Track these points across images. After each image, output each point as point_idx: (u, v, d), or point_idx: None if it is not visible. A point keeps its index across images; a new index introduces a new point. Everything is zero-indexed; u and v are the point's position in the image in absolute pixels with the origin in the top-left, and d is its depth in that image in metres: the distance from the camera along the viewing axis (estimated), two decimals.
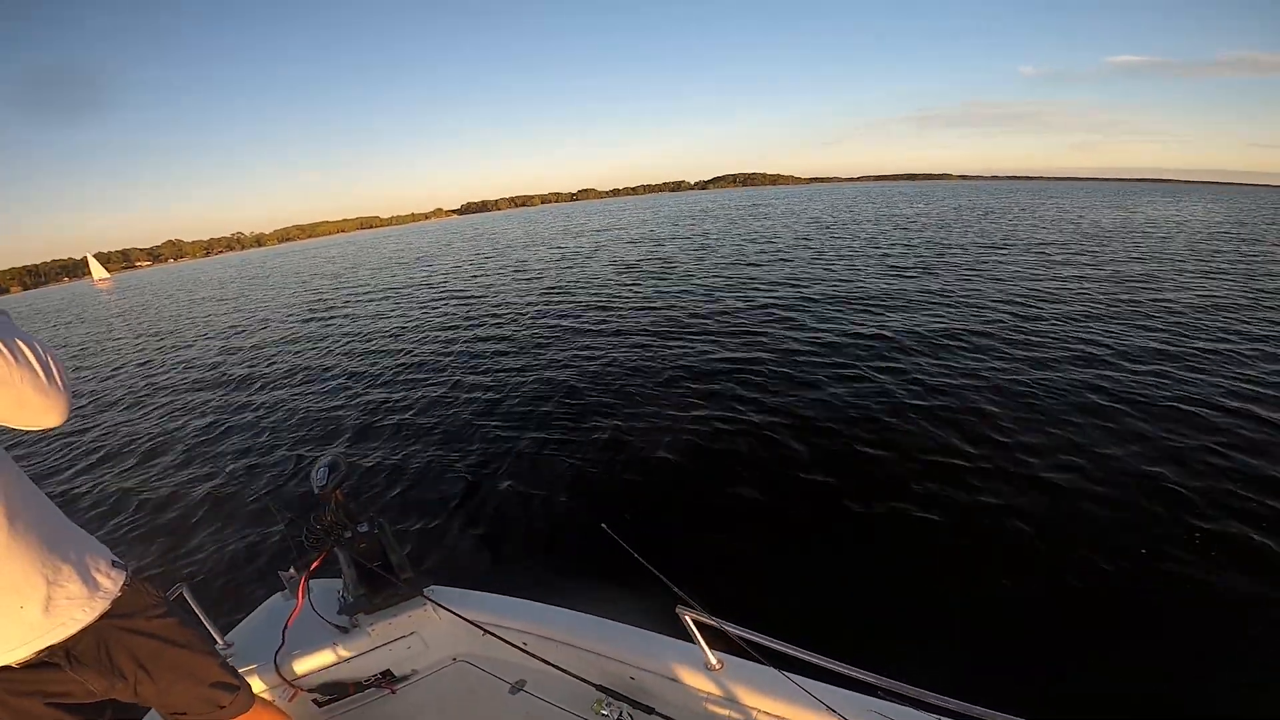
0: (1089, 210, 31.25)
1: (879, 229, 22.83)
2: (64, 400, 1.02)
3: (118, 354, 13.67)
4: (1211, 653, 2.67)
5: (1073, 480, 4.04)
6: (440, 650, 2.11)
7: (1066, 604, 3.01)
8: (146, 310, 24.41)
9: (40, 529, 1.12)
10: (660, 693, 1.72)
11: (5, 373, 0.91)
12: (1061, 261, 13.30)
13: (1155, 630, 2.83)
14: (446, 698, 2.01)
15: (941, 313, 8.80)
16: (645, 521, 3.99)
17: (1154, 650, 2.72)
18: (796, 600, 3.13)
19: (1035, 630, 2.86)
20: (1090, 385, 5.63)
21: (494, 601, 2.03)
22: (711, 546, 3.66)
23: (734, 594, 3.12)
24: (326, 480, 1.92)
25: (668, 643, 1.75)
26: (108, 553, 1.28)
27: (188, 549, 4.29)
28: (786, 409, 5.49)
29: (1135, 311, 8.54)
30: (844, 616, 2.98)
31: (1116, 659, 2.65)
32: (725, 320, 9.11)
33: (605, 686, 1.72)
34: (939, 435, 4.77)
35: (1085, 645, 2.74)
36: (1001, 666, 2.64)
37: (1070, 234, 19.10)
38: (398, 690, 2.03)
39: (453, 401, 6.72)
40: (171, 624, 1.34)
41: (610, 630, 1.85)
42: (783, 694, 1.52)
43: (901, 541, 3.58)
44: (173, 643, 1.32)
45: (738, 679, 1.60)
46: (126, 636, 1.24)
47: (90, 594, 1.17)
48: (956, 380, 5.93)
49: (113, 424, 7.86)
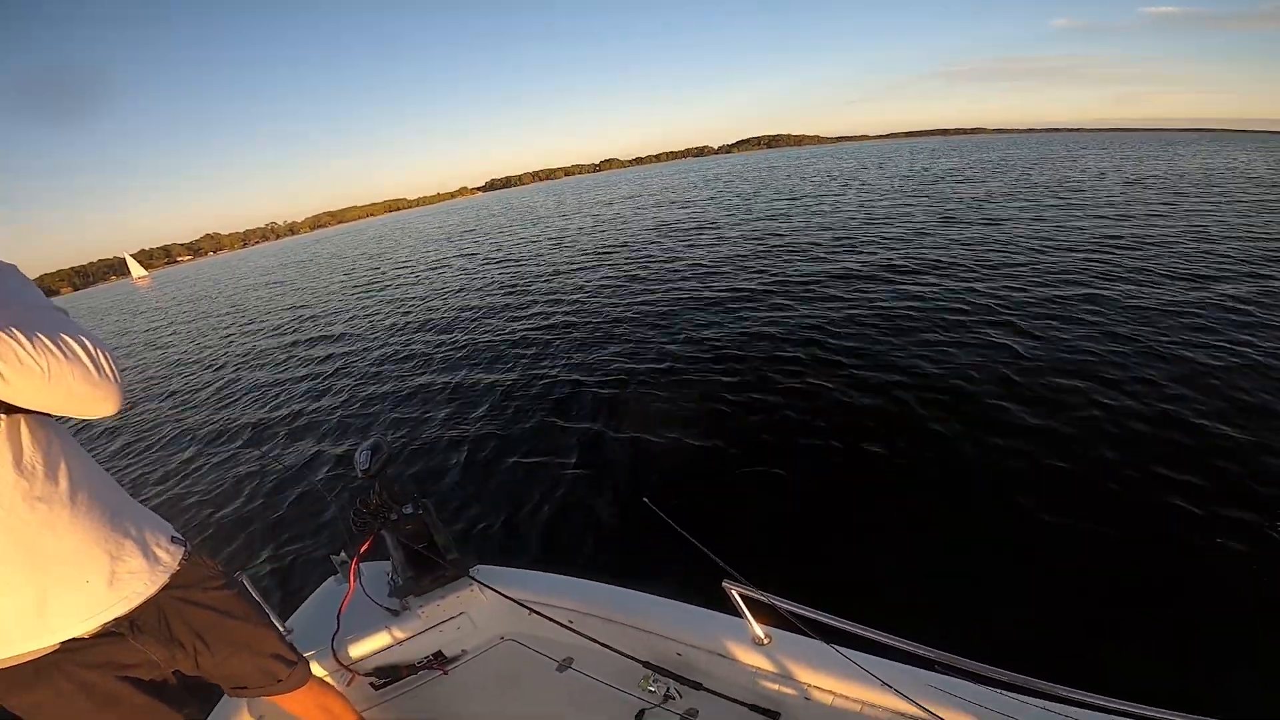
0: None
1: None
2: (115, 391, 1.04)
3: (156, 348, 14.16)
4: None
5: (1169, 451, 3.75)
6: (488, 630, 2.14)
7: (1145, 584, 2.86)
8: (181, 306, 25.21)
9: (102, 505, 1.15)
10: (708, 668, 1.71)
11: (56, 366, 0.94)
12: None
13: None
14: (496, 677, 2.04)
15: (1036, 285, 7.96)
16: (687, 495, 3.96)
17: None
18: (845, 573, 3.07)
19: (1112, 606, 2.75)
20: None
21: (538, 580, 2.05)
22: (755, 519, 3.62)
23: (780, 567, 3.10)
24: (370, 463, 1.93)
25: (714, 617, 1.74)
26: (168, 527, 1.31)
27: (246, 534, 4.44)
28: (835, 378, 5.37)
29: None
30: (895, 589, 2.90)
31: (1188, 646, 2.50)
32: (774, 289, 8.77)
33: (652, 663, 1.73)
34: (1002, 404, 4.56)
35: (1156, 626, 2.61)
36: (1062, 641, 2.55)
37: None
38: (449, 671, 2.07)
39: (493, 379, 6.77)
40: (229, 596, 1.37)
41: (655, 606, 1.85)
42: (834, 668, 1.50)
43: (956, 515, 3.46)
44: (230, 614, 1.35)
45: (787, 653, 1.59)
46: (184, 608, 1.28)
47: (151, 567, 1.20)
48: (1039, 351, 5.50)
49: (159, 415, 8.19)
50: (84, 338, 1.00)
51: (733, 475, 4.12)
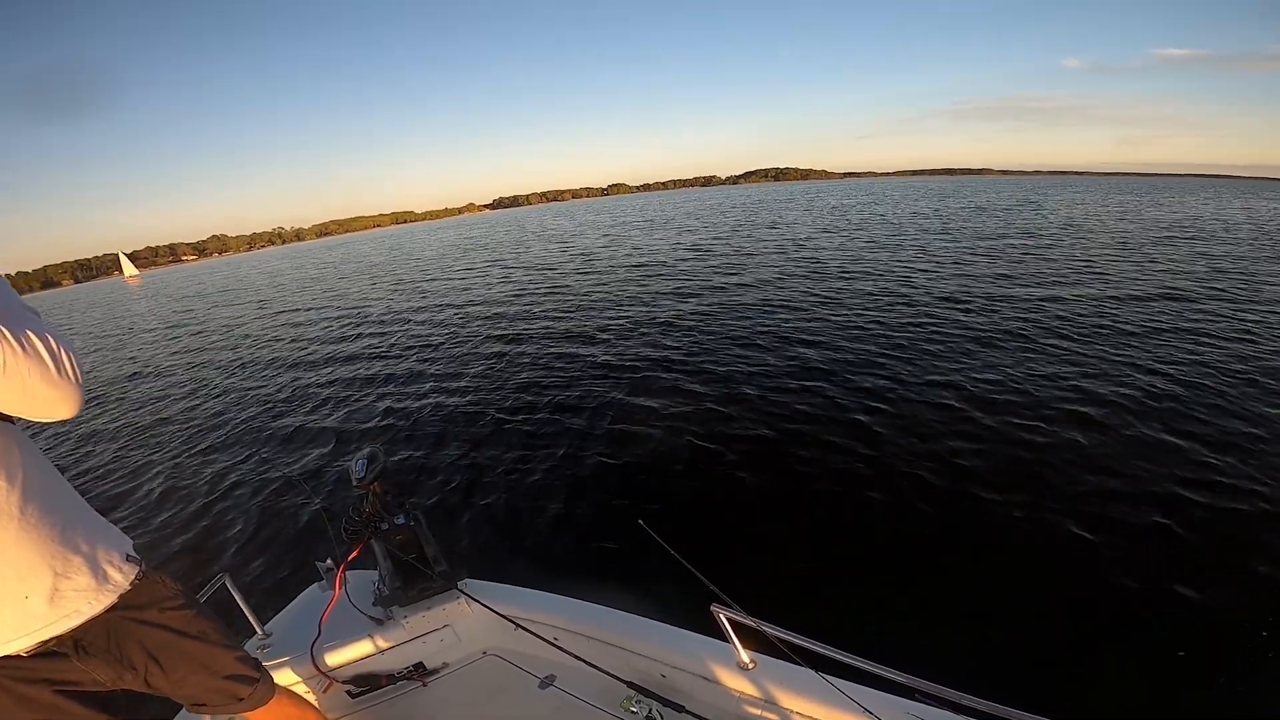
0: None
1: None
2: (74, 392, 1.00)
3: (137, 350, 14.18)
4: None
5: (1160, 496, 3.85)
6: (472, 644, 2.13)
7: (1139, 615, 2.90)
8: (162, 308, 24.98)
9: (53, 518, 1.10)
10: (691, 691, 1.71)
11: (12, 363, 0.90)
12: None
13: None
14: (476, 691, 2.02)
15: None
16: (680, 518, 3.97)
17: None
18: (832, 601, 3.09)
19: (1095, 637, 2.77)
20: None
21: (526, 596, 2.04)
22: (747, 545, 3.64)
23: (768, 594, 3.07)
24: (365, 472, 1.94)
25: (700, 640, 1.73)
26: (125, 544, 1.25)
27: (229, 536, 4.41)
28: (833, 407, 5.44)
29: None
30: (881, 618, 2.92)
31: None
32: (779, 318, 8.95)
33: (635, 683, 1.71)
34: (997, 443, 4.63)
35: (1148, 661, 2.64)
36: (1046, 673, 2.58)
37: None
38: (429, 683, 2.05)
39: (492, 394, 6.80)
40: (186, 616, 1.32)
41: (642, 627, 1.84)
42: (818, 695, 1.50)
43: (946, 547, 3.50)
44: (185, 634, 1.31)
45: (771, 678, 1.58)
46: (137, 628, 1.23)
47: (99, 586, 1.15)
48: (1025, 386, 5.71)
49: (144, 416, 8.18)
50: (47, 335, 0.96)
51: (725, 501, 4.14)
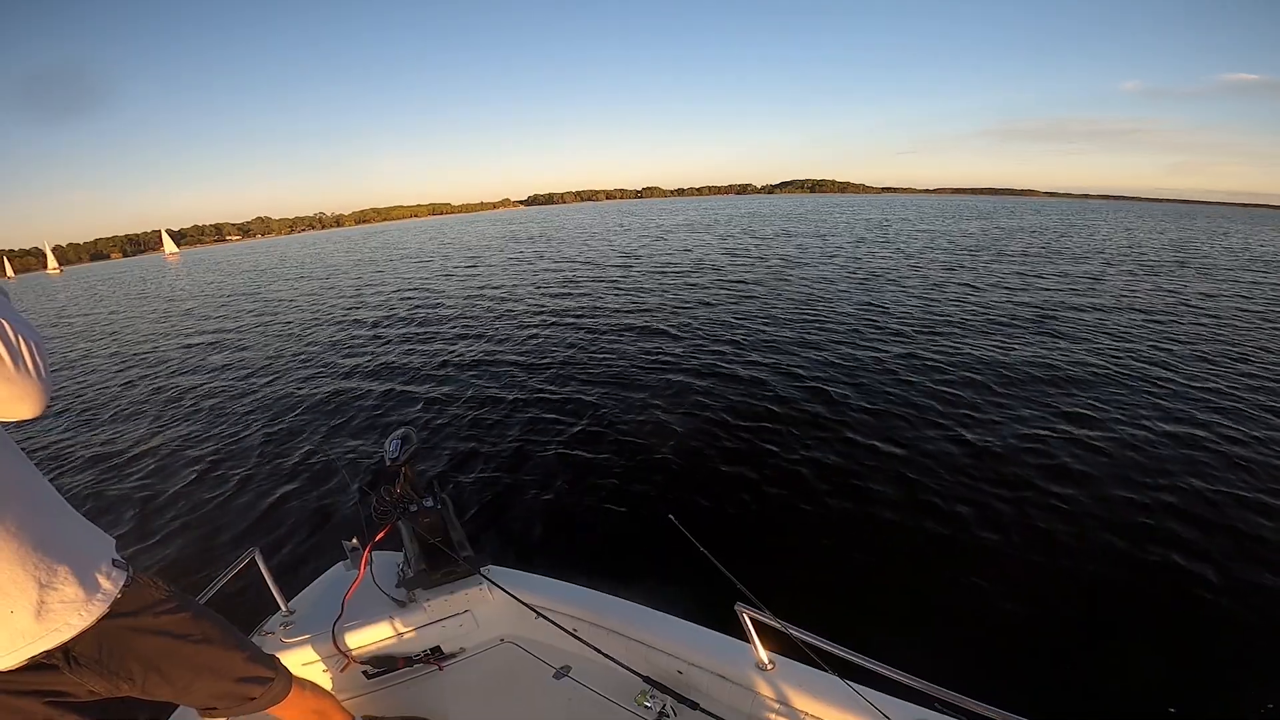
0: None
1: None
2: (35, 389, 0.91)
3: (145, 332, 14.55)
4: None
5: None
6: (490, 630, 2.14)
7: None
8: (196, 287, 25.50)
9: (34, 526, 1.01)
10: (707, 689, 1.71)
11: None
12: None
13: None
14: (490, 678, 2.03)
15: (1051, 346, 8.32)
16: (711, 517, 3.98)
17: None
18: (860, 607, 3.09)
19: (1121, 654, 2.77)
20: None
21: (548, 585, 2.04)
22: (776, 547, 3.64)
23: (793, 599, 3.08)
24: (399, 453, 1.95)
25: (720, 639, 1.73)
26: (110, 549, 1.18)
27: (260, 512, 4.51)
28: (870, 416, 5.44)
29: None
30: (911, 626, 2.92)
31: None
32: (819, 325, 8.96)
33: (651, 678, 1.72)
34: (1029, 457, 4.63)
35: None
36: (1078, 684, 2.57)
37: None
38: (444, 667, 2.07)
39: (530, 384, 6.85)
40: (183, 619, 1.24)
41: (662, 622, 1.84)
42: (834, 699, 1.49)
43: (981, 559, 3.48)
44: (186, 638, 1.23)
45: (789, 680, 1.58)
46: (132, 636, 1.16)
47: (88, 597, 1.07)
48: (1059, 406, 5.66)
49: (188, 394, 8.43)
50: (7, 327, 0.88)
51: (761, 504, 4.13)
